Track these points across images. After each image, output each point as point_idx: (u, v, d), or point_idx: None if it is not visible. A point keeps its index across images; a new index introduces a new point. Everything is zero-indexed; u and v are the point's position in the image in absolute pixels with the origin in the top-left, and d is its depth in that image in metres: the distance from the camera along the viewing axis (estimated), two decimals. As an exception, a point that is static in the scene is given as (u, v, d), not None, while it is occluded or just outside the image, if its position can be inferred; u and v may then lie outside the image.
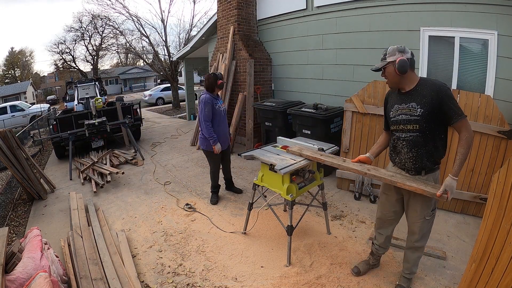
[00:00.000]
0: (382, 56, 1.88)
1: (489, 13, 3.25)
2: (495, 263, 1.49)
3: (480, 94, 3.05)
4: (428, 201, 1.92)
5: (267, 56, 6.17)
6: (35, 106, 17.36)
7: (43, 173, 4.46)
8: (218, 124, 3.46)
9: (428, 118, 1.78)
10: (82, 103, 9.10)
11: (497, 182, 1.64)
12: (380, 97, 3.54)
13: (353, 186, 3.84)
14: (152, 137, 7.91)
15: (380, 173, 2.00)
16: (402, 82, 1.87)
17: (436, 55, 3.86)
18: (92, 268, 2.37)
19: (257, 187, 2.82)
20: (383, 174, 1.99)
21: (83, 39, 21.84)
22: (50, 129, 5.93)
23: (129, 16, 15.51)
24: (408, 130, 1.88)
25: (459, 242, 2.78)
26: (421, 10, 3.81)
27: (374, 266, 2.42)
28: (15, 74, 37.49)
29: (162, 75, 15.84)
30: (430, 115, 1.77)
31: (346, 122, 3.80)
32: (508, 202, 1.49)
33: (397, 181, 1.88)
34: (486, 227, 1.66)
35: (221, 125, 3.50)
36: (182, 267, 2.55)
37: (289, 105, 4.96)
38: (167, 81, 16.79)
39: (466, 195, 3.17)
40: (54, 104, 25.77)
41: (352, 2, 4.51)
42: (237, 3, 5.87)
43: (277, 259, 2.61)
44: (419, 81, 1.84)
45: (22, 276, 1.79)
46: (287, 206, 3.06)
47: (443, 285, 2.24)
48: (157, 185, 4.46)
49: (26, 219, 3.65)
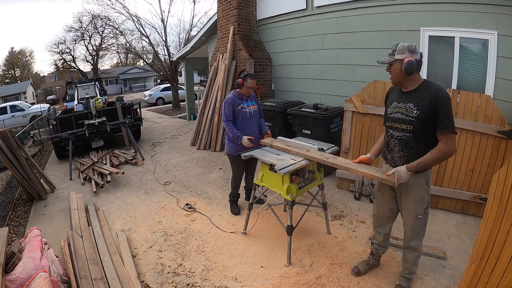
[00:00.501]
0: (391, 51, 1.85)
1: (489, 13, 3.25)
2: (495, 263, 1.49)
3: (480, 94, 3.05)
4: (420, 199, 1.93)
5: (267, 56, 6.17)
6: (35, 106, 17.36)
7: (43, 173, 4.47)
8: (242, 127, 3.20)
9: (422, 121, 1.78)
10: (82, 103, 9.10)
11: (497, 182, 1.64)
12: (380, 97, 3.54)
13: (353, 186, 3.84)
14: (152, 137, 7.90)
15: (337, 161, 2.23)
16: (406, 81, 1.86)
17: (436, 55, 3.86)
18: (92, 268, 2.37)
19: (257, 187, 2.82)
20: (339, 161, 2.23)
21: (83, 39, 21.86)
22: (50, 129, 5.93)
23: (129, 16, 15.53)
24: (401, 130, 1.89)
25: (459, 242, 2.78)
26: (421, 10, 3.81)
27: (374, 266, 2.42)
28: (15, 74, 37.50)
29: (162, 75, 15.85)
30: (424, 118, 1.77)
31: (346, 122, 3.80)
32: (508, 202, 1.49)
33: (351, 167, 2.04)
34: (486, 227, 1.66)
35: (246, 128, 3.20)
36: (182, 267, 2.55)
37: (289, 105, 4.96)
38: (167, 81, 16.80)
39: (466, 195, 3.17)
40: (54, 104, 25.77)
41: (352, 2, 4.51)
42: (237, 3, 5.87)
43: (277, 259, 2.61)
44: (422, 83, 1.84)
45: (22, 276, 1.79)
46: (287, 206, 3.06)
47: (443, 285, 2.24)
48: (157, 185, 4.46)
49: (26, 219, 3.65)
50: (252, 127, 3.29)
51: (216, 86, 6.25)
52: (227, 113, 3.17)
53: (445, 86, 3.56)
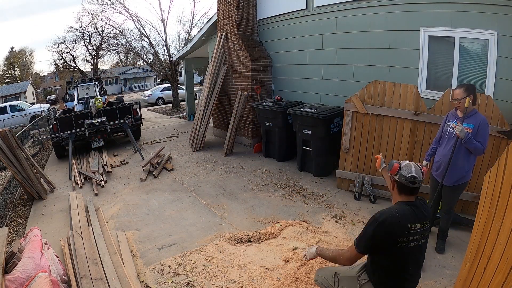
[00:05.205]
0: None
1: (489, 13, 3.25)
2: (487, 262, 1.49)
3: (480, 94, 3.04)
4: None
5: (267, 56, 6.17)
6: (35, 106, 17.32)
7: (43, 173, 4.46)
8: (442, 147, 2.62)
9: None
10: (82, 103, 9.10)
11: (488, 181, 1.64)
12: (380, 97, 3.54)
13: (353, 186, 3.84)
14: (152, 137, 7.90)
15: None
16: None
17: (436, 55, 3.86)
18: (92, 268, 2.37)
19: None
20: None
21: (83, 39, 21.79)
22: (50, 129, 5.93)
23: (129, 16, 15.51)
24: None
25: (459, 242, 2.78)
26: (421, 10, 3.81)
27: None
28: (15, 74, 37.47)
29: (162, 75, 15.84)
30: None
31: (346, 122, 3.80)
32: (499, 202, 1.49)
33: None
34: (478, 226, 1.67)
35: (441, 150, 2.63)
36: (182, 267, 2.55)
37: (289, 105, 4.96)
38: (167, 81, 16.79)
39: (466, 195, 3.16)
40: (54, 104, 25.75)
41: (352, 2, 4.51)
42: (237, 3, 5.87)
43: (277, 259, 2.60)
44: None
45: (22, 276, 1.79)
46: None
47: (443, 285, 2.24)
48: (157, 185, 4.46)
49: (26, 219, 3.65)
50: (446, 150, 2.54)
51: (205, 89, 6.40)
52: (437, 133, 2.73)
53: (445, 86, 3.57)
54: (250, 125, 6.17)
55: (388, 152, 3.59)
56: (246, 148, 6.21)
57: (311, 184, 4.27)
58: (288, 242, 2.81)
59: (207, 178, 4.65)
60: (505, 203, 1.44)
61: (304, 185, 4.21)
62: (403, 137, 3.48)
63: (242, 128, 6.33)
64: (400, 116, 3.45)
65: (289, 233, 2.94)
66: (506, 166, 1.50)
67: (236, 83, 6.25)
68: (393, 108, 3.49)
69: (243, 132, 6.37)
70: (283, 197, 3.86)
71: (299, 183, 4.32)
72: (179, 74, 16.29)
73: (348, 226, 3.12)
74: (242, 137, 6.43)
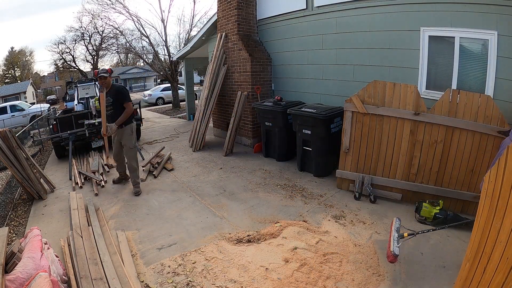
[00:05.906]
0: None
1: (489, 13, 3.25)
2: (487, 262, 1.49)
3: (480, 94, 3.05)
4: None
5: (267, 56, 6.17)
6: (35, 106, 17.34)
7: (43, 173, 4.46)
8: None
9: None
10: (82, 103, 9.11)
11: (488, 181, 1.64)
12: (380, 97, 3.54)
13: (353, 186, 3.84)
14: (152, 137, 7.90)
15: None
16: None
17: (436, 55, 3.86)
18: (92, 268, 2.37)
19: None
20: None
21: (83, 39, 21.80)
22: (50, 129, 5.93)
23: (129, 16, 15.51)
24: None
25: (459, 242, 2.78)
26: (421, 10, 3.81)
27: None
28: (15, 74, 37.48)
29: (162, 75, 15.83)
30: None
31: (346, 122, 3.80)
32: (499, 201, 1.49)
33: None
34: (478, 226, 1.67)
35: None
36: (182, 267, 2.55)
37: (289, 105, 4.96)
38: (167, 81, 16.78)
39: (466, 195, 3.17)
40: (54, 104, 25.76)
41: (352, 2, 4.51)
42: (237, 3, 5.87)
43: (277, 259, 2.60)
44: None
45: (22, 276, 1.79)
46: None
47: (443, 285, 2.24)
48: (157, 185, 4.46)
49: (26, 219, 3.64)
50: None
51: (205, 89, 6.41)
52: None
53: (445, 86, 3.57)
54: (250, 125, 6.18)
55: (388, 152, 3.60)
56: (246, 148, 6.21)
57: (311, 184, 4.27)
58: (288, 242, 2.81)
59: (207, 178, 4.65)
60: (505, 203, 1.44)
61: (304, 185, 4.22)
62: (403, 137, 3.48)
63: (242, 128, 6.33)
64: (400, 116, 3.45)
65: (289, 233, 2.94)
66: (506, 166, 1.50)
67: (236, 83, 6.25)
68: (393, 108, 3.49)
69: (243, 132, 6.37)
70: (283, 197, 3.86)
71: (299, 183, 4.32)
72: (179, 74, 16.28)
73: (348, 226, 3.12)
74: (242, 137, 6.43)
